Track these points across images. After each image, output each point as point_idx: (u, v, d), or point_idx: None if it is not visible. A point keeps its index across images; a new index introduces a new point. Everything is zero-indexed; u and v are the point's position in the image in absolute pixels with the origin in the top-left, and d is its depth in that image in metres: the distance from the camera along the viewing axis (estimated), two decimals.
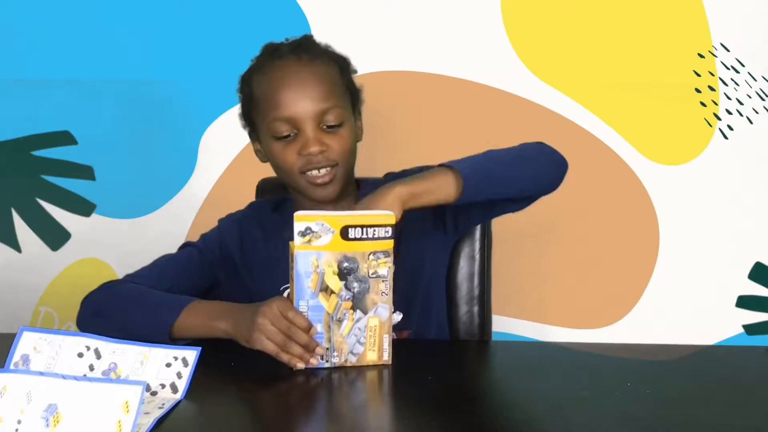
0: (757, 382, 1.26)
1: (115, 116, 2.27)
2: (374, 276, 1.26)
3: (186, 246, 1.60)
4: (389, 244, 1.26)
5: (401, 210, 1.31)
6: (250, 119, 1.56)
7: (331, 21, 2.20)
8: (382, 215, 1.27)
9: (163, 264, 1.54)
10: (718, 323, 2.31)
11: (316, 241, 1.23)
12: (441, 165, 1.39)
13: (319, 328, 1.25)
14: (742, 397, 1.20)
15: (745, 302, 2.32)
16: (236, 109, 2.21)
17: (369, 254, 1.25)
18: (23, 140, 2.29)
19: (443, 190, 1.36)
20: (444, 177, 1.36)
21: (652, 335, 2.27)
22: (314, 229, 1.23)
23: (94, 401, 1.03)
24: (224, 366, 1.29)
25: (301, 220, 1.23)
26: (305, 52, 1.49)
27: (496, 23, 2.23)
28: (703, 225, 2.29)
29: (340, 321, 1.26)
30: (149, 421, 1.08)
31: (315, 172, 1.48)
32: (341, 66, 1.53)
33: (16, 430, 1.01)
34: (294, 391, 1.23)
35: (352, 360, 1.29)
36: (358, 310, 1.27)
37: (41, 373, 1.06)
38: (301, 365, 1.26)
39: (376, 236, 1.26)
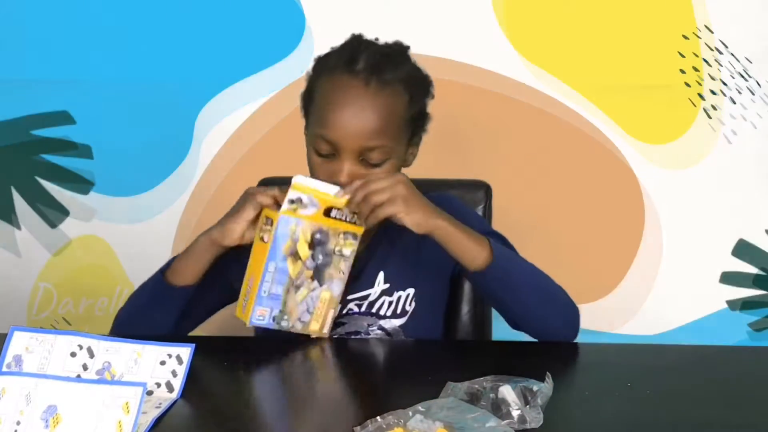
0: (757, 382, 1.26)
1: (114, 98, 2.31)
2: (338, 254, 1.36)
3: None
4: (360, 229, 1.37)
5: (426, 230, 1.33)
6: (306, 107, 1.47)
7: (330, 22, 2.21)
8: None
9: None
10: (722, 329, 2.31)
11: (301, 210, 1.32)
12: (487, 235, 1.37)
13: (279, 290, 1.33)
14: (742, 396, 1.19)
15: (749, 307, 2.31)
16: (229, 90, 2.28)
17: (341, 233, 1.35)
18: (22, 120, 2.34)
19: (470, 254, 1.35)
20: (480, 248, 1.35)
21: (655, 340, 2.27)
22: (303, 201, 1.31)
23: (94, 402, 1.03)
24: (218, 364, 1.29)
25: (297, 189, 1.31)
26: (378, 77, 1.37)
27: (495, 26, 2.23)
28: (707, 229, 2.29)
29: (297, 288, 1.34)
30: (147, 420, 1.08)
31: None
32: (413, 95, 1.43)
33: (15, 431, 1.01)
34: (290, 388, 1.24)
35: (298, 327, 1.37)
36: (315, 281, 1.36)
37: (40, 375, 1.06)
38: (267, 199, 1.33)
39: (352, 220, 1.36)
